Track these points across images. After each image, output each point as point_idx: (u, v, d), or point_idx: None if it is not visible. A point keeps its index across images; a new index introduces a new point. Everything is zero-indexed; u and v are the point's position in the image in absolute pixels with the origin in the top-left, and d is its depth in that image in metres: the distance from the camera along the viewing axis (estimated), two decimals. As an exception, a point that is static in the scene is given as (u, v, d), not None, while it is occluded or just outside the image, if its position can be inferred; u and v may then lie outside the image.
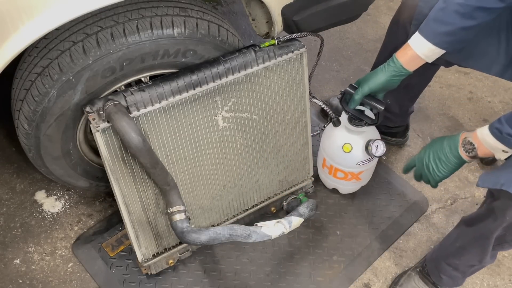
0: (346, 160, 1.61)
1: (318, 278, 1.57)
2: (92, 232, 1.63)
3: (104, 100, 1.21)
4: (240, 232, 1.32)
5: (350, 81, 2.23)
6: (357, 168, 1.62)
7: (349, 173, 1.64)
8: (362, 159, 1.58)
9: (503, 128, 1.14)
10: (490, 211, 1.20)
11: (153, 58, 1.25)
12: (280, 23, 1.41)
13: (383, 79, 1.36)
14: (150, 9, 1.24)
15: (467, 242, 1.32)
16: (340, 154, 1.59)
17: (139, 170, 1.30)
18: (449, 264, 1.41)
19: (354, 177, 1.66)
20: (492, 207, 1.18)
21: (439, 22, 1.26)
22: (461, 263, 1.38)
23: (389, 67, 1.35)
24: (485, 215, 1.23)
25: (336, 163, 1.63)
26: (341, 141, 1.58)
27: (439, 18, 1.25)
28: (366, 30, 2.50)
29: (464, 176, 1.91)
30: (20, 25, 1.06)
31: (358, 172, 1.64)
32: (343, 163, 1.62)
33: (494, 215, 1.18)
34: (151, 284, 1.51)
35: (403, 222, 1.74)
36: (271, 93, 1.44)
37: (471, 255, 1.33)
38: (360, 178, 1.68)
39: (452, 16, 1.23)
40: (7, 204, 1.69)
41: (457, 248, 1.36)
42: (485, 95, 2.24)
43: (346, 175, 1.65)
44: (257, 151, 1.52)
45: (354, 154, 1.58)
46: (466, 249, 1.33)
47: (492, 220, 1.19)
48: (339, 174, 1.66)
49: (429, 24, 1.28)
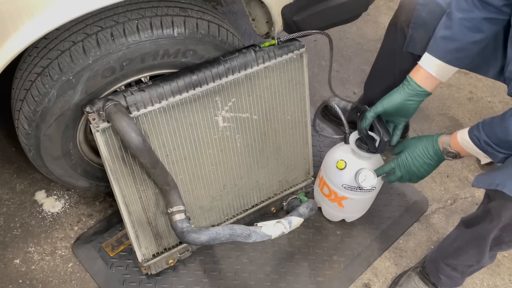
0: (335, 176, 1.53)
1: (318, 278, 1.57)
2: (92, 232, 1.63)
3: (104, 100, 1.21)
4: (240, 232, 1.32)
5: (350, 81, 2.24)
6: (341, 190, 1.53)
7: (333, 193, 1.56)
8: (348, 182, 1.50)
9: (480, 136, 1.17)
10: (486, 212, 1.20)
11: (153, 58, 1.25)
12: (280, 23, 1.41)
13: (399, 100, 1.34)
14: (150, 9, 1.24)
15: (465, 242, 1.33)
16: (333, 167, 1.52)
17: (139, 170, 1.30)
18: (448, 265, 1.41)
19: (337, 199, 1.57)
20: (488, 208, 1.18)
21: (448, 39, 1.26)
22: (460, 264, 1.38)
23: (404, 86, 1.34)
24: (481, 216, 1.23)
25: (326, 175, 1.57)
26: (339, 155, 1.52)
27: (448, 35, 1.26)
28: (366, 30, 2.50)
29: (464, 176, 1.91)
30: (20, 25, 1.06)
31: (341, 196, 1.55)
32: (332, 177, 1.54)
33: (491, 216, 1.18)
34: (151, 284, 1.51)
35: (403, 222, 1.74)
36: (271, 93, 1.44)
37: (469, 256, 1.33)
38: (342, 205, 1.58)
39: (460, 32, 1.24)
40: (7, 204, 1.69)
41: (455, 248, 1.36)
42: (485, 95, 2.24)
43: (330, 193, 1.57)
44: (257, 151, 1.52)
45: (344, 174, 1.50)
46: (463, 250, 1.33)
47: (488, 221, 1.19)
48: (325, 189, 1.59)
49: (438, 43, 1.28)
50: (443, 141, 1.29)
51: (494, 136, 1.14)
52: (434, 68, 1.30)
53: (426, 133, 2.06)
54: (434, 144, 1.30)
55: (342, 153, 1.52)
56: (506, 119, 1.10)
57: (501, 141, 1.14)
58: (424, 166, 1.33)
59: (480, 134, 1.17)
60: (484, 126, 1.16)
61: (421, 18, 1.39)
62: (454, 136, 1.26)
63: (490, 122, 1.16)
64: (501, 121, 1.12)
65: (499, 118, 1.13)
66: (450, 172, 1.92)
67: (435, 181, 1.89)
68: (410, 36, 1.45)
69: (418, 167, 1.34)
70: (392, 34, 1.55)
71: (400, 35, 1.49)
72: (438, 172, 1.91)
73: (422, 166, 1.33)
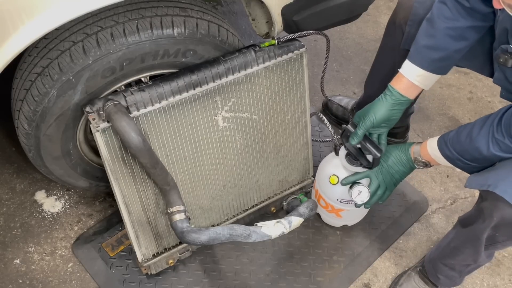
0: (329, 191, 1.51)
1: (318, 278, 1.57)
2: (92, 232, 1.63)
3: (104, 100, 1.21)
4: (240, 232, 1.32)
5: (350, 81, 2.24)
6: (337, 203, 1.51)
7: (330, 205, 1.55)
8: (342, 197, 1.48)
9: (453, 156, 1.23)
10: (479, 211, 1.21)
11: (153, 58, 1.25)
12: (280, 23, 1.41)
13: (383, 110, 1.32)
14: (150, 9, 1.24)
15: (460, 242, 1.33)
16: (326, 182, 1.49)
17: (139, 170, 1.30)
18: (446, 264, 1.41)
19: (334, 211, 1.56)
20: (481, 208, 1.19)
21: (431, 49, 1.25)
22: (457, 263, 1.39)
23: (386, 96, 1.32)
24: (475, 216, 1.24)
25: (321, 189, 1.55)
26: (331, 170, 1.48)
27: (431, 45, 1.25)
28: (366, 30, 2.50)
29: (464, 176, 1.91)
30: (20, 25, 1.06)
31: (338, 208, 1.53)
32: (326, 192, 1.53)
33: (483, 216, 1.19)
34: (151, 284, 1.51)
35: (403, 222, 1.74)
36: (271, 93, 1.44)
37: (465, 255, 1.34)
38: (340, 216, 1.58)
39: (444, 41, 1.23)
40: (7, 204, 1.69)
41: (452, 248, 1.37)
42: (485, 95, 2.24)
43: (327, 205, 1.56)
44: (257, 151, 1.52)
45: (338, 189, 1.47)
46: (459, 250, 1.34)
47: (481, 221, 1.20)
48: (322, 202, 1.57)
49: (421, 52, 1.27)
50: (414, 151, 1.32)
51: (468, 155, 1.19)
52: (417, 78, 1.28)
53: (426, 133, 2.06)
54: (406, 152, 1.35)
55: (333, 168, 1.48)
56: (474, 140, 1.15)
57: (475, 158, 1.19)
58: (399, 172, 1.37)
59: (453, 154, 1.22)
60: (453, 146, 1.21)
61: (419, 15, 1.39)
62: (423, 147, 1.30)
63: (458, 141, 1.20)
64: (470, 142, 1.16)
65: (467, 138, 1.18)
66: (450, 172, 1.92)
67: (435, 181, 1.89)
68: (408, 34, 1.45)
69: (393, 174, 1.38)
70: (391, 32, 1.55)
71: (398, 32, 1.50)
72: (438, 172, 1.91)
73: (397, 173, 1.37)
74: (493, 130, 1.12)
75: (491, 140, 1.13)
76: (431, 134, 2.05)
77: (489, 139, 1.13)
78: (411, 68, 1.29)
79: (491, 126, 1.13)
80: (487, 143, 1.13)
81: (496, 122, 1.13)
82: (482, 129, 1.15)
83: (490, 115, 1.16)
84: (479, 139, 1.14)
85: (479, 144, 1.14)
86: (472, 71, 1.51)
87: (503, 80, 1.24)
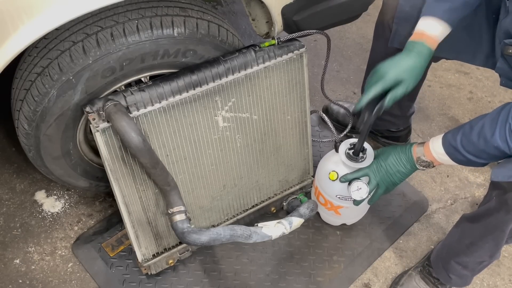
0: (328, 187, 1.51)
1: (318, 278, 1.57)
2: (92, 232, 1.63)
3: (104, 100, 1.21)
4: (240, 232, 1.31)
5: (350, 81, 2.24)
6: (336, 200, 1.51)
7: (329, 202, 1.55)
8: (341, 193, 1.47)
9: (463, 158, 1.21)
10: (502, 203, 1.20)
11: (153, 58, 1.25)
12: (280, 23, 1.41)
13: (410, 63, 1.22)
14: (150, 9, 1.24)
15: (478, 237, 1.32)
16: (325, 178, 1.49)
17: (139, 170, 1.30)
18: (459, 263, 1.40)
19: (333, 208, 1.56)
20: (505, 199, 1.19)
21: (441, 0, 1.24)
22: (471, 260, 1.38)
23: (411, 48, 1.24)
24: (496, 209, 1.23)
25: (320, 185, 1.55)
26: (331, 166, 1.48)
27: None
28: (366, 30, 2.50)
29: (464, 176, 1.91)
30: (20, 25, 1.06)
31: (337, 205, 1.53)
32: (325, 188, 1.53)
33: (507, 207, 1.18)
34: (151, 284, 1.51)
35: (403, 222, 1.74)
36: (271, 93, 1.44)
37: (483, 250, 1.33)
38: (339, 213, 1.57)
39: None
40: (7, 204, 1.69)
41: (467, 245, 1.36)
42: (485, 95, 2.24)
43: (326, 202, 1.56)
44: (257, 151, 1.52)
45: (337, 185, 1.46)
46: (477, 245, 1.33)
47: (504, 213, 1.20)
48: (321, 199, 1.57)
49: (432, 4, 1.25)
50: (417, 151, 1.31)
51: (485, 154, 1.17)
52: (431, 28, 1.24)
53: (427, 133, 2.06)
54: (407, 152, 1.33)
55: (333, 165, 1.48)
56: (490, 139, 1.13)
57: (494, 156, 1.17)
58: (397, 173, 1.36)
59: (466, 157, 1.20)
60: (466, 149, 1.19)
61: (405, 12, 1.39)
62: (426, 146, 1.30)
63: (470, 143, 1.18)
64: (486, 142, 1.14)
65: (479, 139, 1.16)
66: (450, 172, 1.92)
67: (435, 181, 1.89)
68: (395, 31, 1.44)
69: (392, 174, 1.36)
70: (380, 33, 1.55)
71: (387, 32, 1.49)
72: (438, 172, 1.91)
73: (396, 174, 1.36)
74: (510, 126, 1.10)
75: (509, 136, 1.11)
76: (431, 134, 2.05)
77: (506, 135, 1.11)
78: (425, 22, 1.25)
79: (506, 122, 1.11)
80: (505, 140, 1.11)
81: (511, 117, 1.11)
82: (497, 128, 1.12)
83: (496, 111, 1.14)
84: (495, 138, 1.12)
85: (498, 143, 1.12)
86: (472, 71, 1.51)
87: (506, 70, 1.25)
